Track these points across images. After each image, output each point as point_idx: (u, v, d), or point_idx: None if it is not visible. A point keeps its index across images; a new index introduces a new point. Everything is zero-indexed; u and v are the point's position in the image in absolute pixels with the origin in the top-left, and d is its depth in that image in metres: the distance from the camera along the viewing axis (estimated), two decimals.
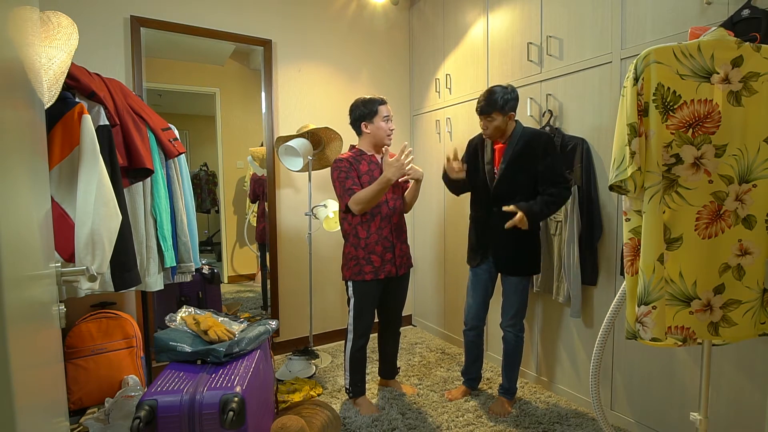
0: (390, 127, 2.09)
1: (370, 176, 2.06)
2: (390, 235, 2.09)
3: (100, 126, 1.48)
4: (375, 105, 2.07)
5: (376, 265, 2.06)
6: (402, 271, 2.16)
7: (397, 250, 2.12)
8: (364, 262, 2.05)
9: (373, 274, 2.06)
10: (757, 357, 1.53)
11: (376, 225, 2.06)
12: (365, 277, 2.05)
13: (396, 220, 2.13)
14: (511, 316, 2.08)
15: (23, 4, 0.68)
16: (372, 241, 2.06)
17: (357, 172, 2.05)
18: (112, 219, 1.37)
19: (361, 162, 2.08)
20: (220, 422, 1.37)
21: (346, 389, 2.17)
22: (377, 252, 2.06)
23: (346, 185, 2.01)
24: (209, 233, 3.08)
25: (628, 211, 1.26)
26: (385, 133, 2.09)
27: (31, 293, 0.62)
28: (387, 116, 2.08)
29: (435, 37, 3.08)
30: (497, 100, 1.92)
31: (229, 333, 1.72)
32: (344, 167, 2.03)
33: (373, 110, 2.07)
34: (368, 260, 2.05)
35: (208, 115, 2.88)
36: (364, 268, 2.05)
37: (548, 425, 2.00)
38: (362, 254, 2.06)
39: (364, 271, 2.05)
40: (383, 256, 2.07)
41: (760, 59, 1.17)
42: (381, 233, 2.07)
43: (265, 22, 2.80)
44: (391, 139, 2.12)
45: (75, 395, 1.98)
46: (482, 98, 1.97)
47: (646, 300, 1.19)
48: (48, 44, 1.22)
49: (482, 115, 1.99)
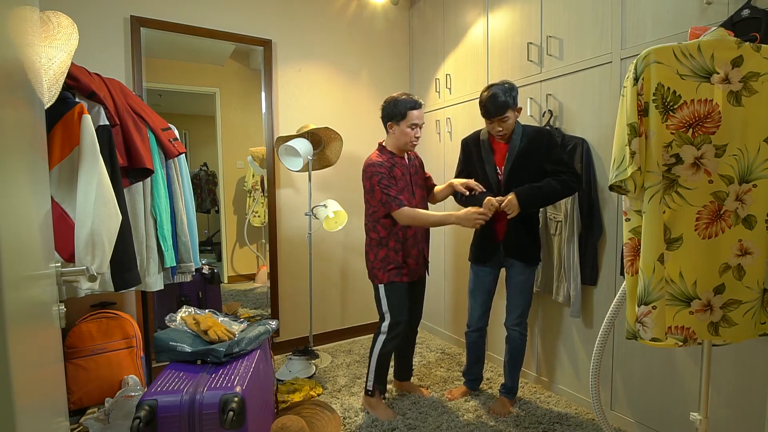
0: (416, 135, 2.01)
1: (405, 182, 2.05)
2: (422, 239, 2.14)
3: (100, 126, 1.48)
4: (405, 108, 1.98)
5: (412, 267, 2.09)
6: (428, 271, 2.25)
7: (426, 253, 2.18)
8: (404, 264, 2.07)
9: (409, 277, 2.08)
10: (757, 357, 1.53)
11: (412, 230, 2.08)
12: (403, 279, 2.06)
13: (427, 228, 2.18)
14: (518, 316, 2.08)
15: (23, 4, 0.68)
16: (409, 245, 2.07)
17: (395, 180, 2.02)
18: (112, 219, 1.37)
19: (395, 167, 2.04)
20: (220, 422, 1.37)
21: (368, 391, 2.11)
22: (413, 255, 2.09)
23: (391, 193, 1.97)
24: (209, 233, 3.08)
25: (628, 211, 1.26)
26: (410, 140, 2.01)
27: (31, 293, 0.62)
28: (416, 123, 1.99)
29: (435, 37, 3.08)
30: (508, 101, 1.89)
31: (229, 333, 1.72)
32: (384, 173, 1.99)
33: (402, 113, 1.99)
34: (405, 263, 2.07)
35: (208, 115, 2.88)
36: (402, 271, 2.06)
37: (548, 425, 2.00)
38: (401, 258, 2.06)
39: (402, 274, 2.06)
40: (417, 260, 2.11)
41: (760, 59, 1.16)
42: (416, 238, 2.10)
43: (265, 22, 2.80)
44: (415, 146, 2.07)
45: (75, 395, 1.98)
46: (488, 103, 1.90)
47: (646, 300, 1.19)
48: (48, 44, 1.22)
49: (496, 117, 1.91)
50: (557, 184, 1.90)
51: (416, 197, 2.10)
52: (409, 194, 2.06)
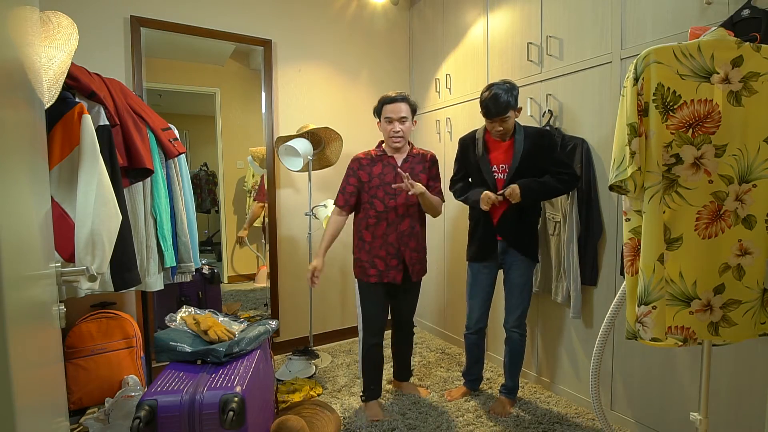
0: (393, 129, 1.96)
1: (381, 180, 2.01)
2: (396, 242, 2.02)
3: (100, 126, 1.48)
4: (382, 103, 1.99)
5: (380, 268, 2.03)
6: (413, 278, 2.09)
7: (406, 258, 2.04)
8: (368, 265, 2.04)
9: (377, 278, 2.03)
10: (757, 357, 1.53)
11: (381, 230, 2.02)
12: (370, 279, 2.04)
13: (404, 228, 2.02)
14: (517, 317, 2.07)
15: (23, 4, 0.68)
16: (376, 246, 2.02)
17: (367, 176, 2.01)
18: (112, 219, 1.37)
19: (377, 163, 2.03)
20: (220, 422, 1.37)
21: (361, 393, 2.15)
22: (381, 256, 2.02)
23: (341, 186, 2.04)
24: (209, 233, 3.08)
25: (628, 211, 1.26)
26: (388, 135, 2.00)
27: (31, 293, 0.62)
28: (390, 117, 1.96)
29: (435, 38, 3.08)
30: (509, 100, 1.88)
31: (229, 333, 1.72)
32: (353, 167, 2.04)
33: (379, 109, 2.00)
34: (372, 263, 2.04)
35: (208, 115, 2.88)
36: (368, 271, 2.04)
37: (548, 425, 2.00)
38: (366, 257, 2.04)
39: (369, 274, 2.04)
40: (388, 262, 2.03)
41: (760, 59, 1.16)
42: (386, 239, 2.02)
43: (265, 22, 2.80)
44: (398, 143, 2.00)
45: (75, 395, 1.98)
46: (489, 102, 1.89)
47: (646, 300, 1.19)
48: (48, 44, 1.22)
49: (498, 117, 1.91)
50: (558, 182, 1.92)
51: (397, 200, 2.00)
52: (384, 194, 2.00)
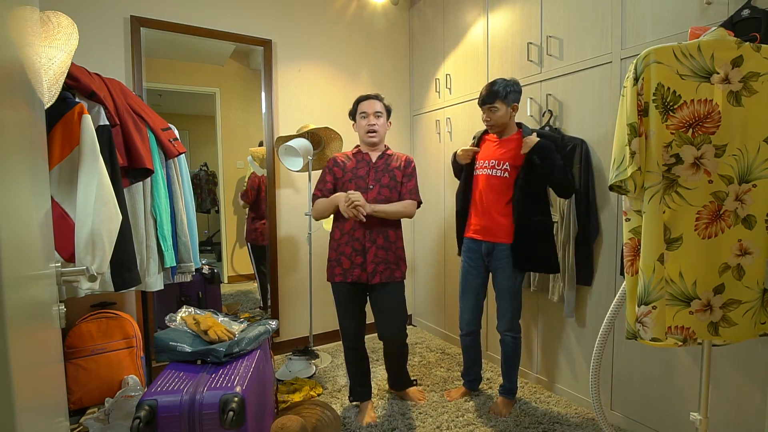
0: (368, 123, 1.99)
1: (354, 174, 2.01)
2: (363, 238, 1.95)
3: (100, 126, 1.48)
4: (356, 102, 2.05)
5: (345, 266, 1.97)
6: (376, 279, 1.96)
7: (369, 255, 1.95)
8: (335, 263, 2.01)
9: (342, 276, 1.98)
10: (757, 357, 1.53)
11: (350, 225, 1.97)
12: (335, 278, 2.01)
13: (374, 224, 1.96)
14: (508, 320, 2.07)
15: (23, 4, 0.68)
16: (343, 242, 1.98)
17: (341, 171, 2.04)
18: (112, 219, 1.37)
19: (352, 160, 2.06)
20: (220, 422, 1.37)
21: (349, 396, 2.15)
22: (346, 254, 1.97)
23: (317, 185, 2.05)
24: (209, 233, 3.08)
25: (628, 211, 1.26)
26: (364, 131, 2.03)
27: (31, 293, 0.62)
28: (365, 112, 2.00)
29: (435, 38, 3.08)
30: (499, 90, 1.92)
31: (229, 333, 1.72)
32: (328, 166, 2.07)
33: (355, 108, 2.05)
34: (338, 261, 1.99)
35: (208, 115, 2.88)
36: (335, 270, 2.01)
37: (548, 425, 2.00)
38: (334, 255, 2.02)
39: (335, 273, 2.01)
40: (353, 259, 1.96)
41: (760, 59, 1.16)
42: (353, 234, 1.96)
43: (265, 22, 2.80)
44: (373, 137, 2.01)
45: (75, 395, 1.98)
46: (484, 90, 1.97)
47: (646, 300, 1.19)
48: (48, 44, 1.22)
49: (485, 105, 1.96)
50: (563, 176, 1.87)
51: (368, 194, 1.97)
52: (356, 187, 1.99)
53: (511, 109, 1.96)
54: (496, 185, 2.01)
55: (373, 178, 2.01)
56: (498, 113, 1.95)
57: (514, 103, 1.96)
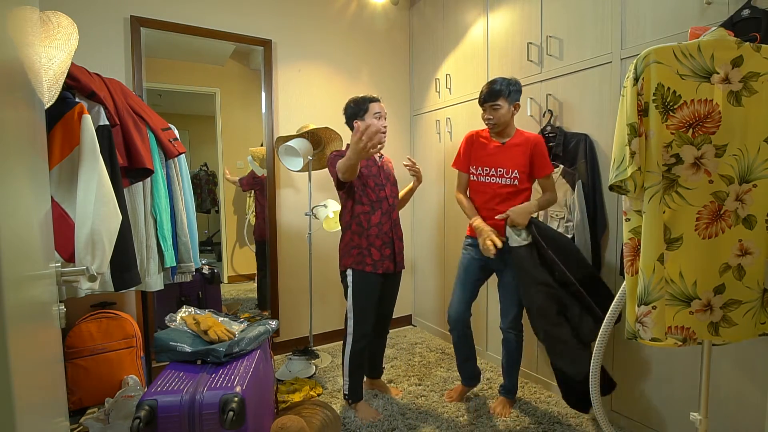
0: (382, 125, 2.03)
1: (369, 171, 2.07)
2: (390, 231, 2.08)
3: (100, 126, 1.48)
4: (366, 103, 2.05)
5: (375, 258, 2.04)
6: (399, 268, 2.14)
7: (396, 247, 2.11)
8: (366, 252, 2.03)
9: (373, 267, 2.04)
10: (757, 357, 1.53)
11: (377, 219, 2.05)
12: (366, 267, 2.03)
13: (395, 217, 2.13)
14: (512, 319, 2.06)
15: (23, 4, 0.68)
16: (373, 234, 2.04)
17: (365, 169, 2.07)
18: (112, 219, 1.37)
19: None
20: (220, 422, 1.37)
21: (345, 395, 2.09)
22: (377, 246, 2.04)
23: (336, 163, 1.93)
24: (209, 233, 3.08)
25: (628, 211, 1.26)
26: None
27: (31, 293, 0.62)
28: (378, 113, 2.03)
29: (435, 37, 3.08)
30: (501, 88, 1.91)
31: (229, 333, 1.72)
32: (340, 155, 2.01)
33: (364, 108, 2.05)
34: (369, 252, 2.04)
35: (208, 115, 2.88)
36: (365, 259, 2.03)
37: (548, 425, 2.00)
38: (365, 244, 2.03)
39: (366, 262, 2.03)
40: (382, 251, 2.05)
41: (760, 59, 1.17)
42: (381, 228, 2.06)
43: (265, 22, 2.79)
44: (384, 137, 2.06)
45: (75, 395, 1.98)
46: (485, 88, 1.95)
47: (646, 300, 1.19)
48: (48, 44, 1.22)
49: (486, 103, 1.94)
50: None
51: (386, 190, 2.10)
52: (375, 184, 2.06)
53: (512, 108, 1.95)
54: (505, 194, 1.98)
55: (383, 177, 2.12)
56: (500, 111, 1.93)
57: (516, 101, 1.96)
